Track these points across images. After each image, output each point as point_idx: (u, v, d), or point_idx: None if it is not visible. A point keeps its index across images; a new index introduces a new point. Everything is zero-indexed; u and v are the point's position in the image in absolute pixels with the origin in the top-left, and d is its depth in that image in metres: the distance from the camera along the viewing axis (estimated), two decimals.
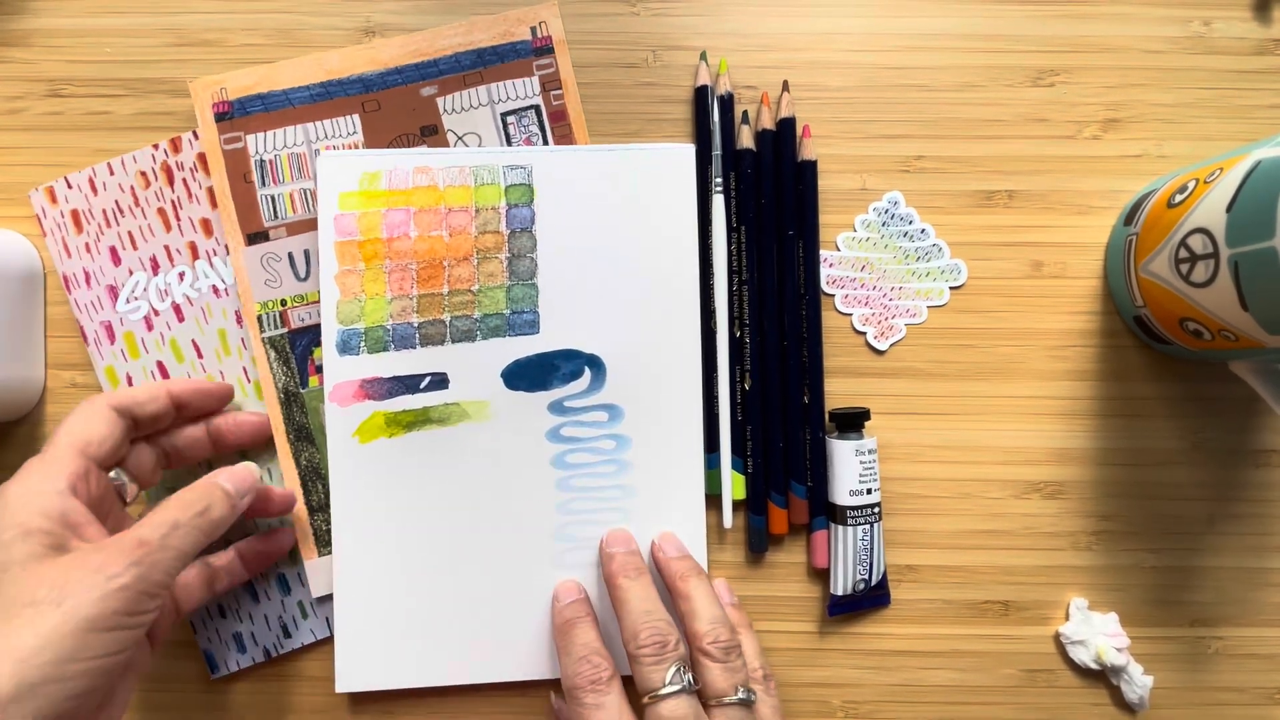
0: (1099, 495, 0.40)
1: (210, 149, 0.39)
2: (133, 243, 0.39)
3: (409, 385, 0.38)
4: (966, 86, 0.40)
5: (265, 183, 0.39)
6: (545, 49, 0.39)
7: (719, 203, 0.38)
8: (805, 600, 0.40)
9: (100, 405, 0.33)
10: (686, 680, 0.31)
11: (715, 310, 0.39)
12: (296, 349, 0.39)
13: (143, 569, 0.28)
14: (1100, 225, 0.40)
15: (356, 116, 0.39)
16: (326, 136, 0.39)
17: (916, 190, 0.40)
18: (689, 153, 0.38)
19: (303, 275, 0.39)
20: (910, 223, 0.40)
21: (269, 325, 0.39)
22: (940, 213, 0.40)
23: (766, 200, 0.39)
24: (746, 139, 0.39)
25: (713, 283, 0.39)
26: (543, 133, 0.39)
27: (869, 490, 0.38)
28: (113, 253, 0.39)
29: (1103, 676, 0.39)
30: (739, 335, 0.39)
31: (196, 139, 0.39)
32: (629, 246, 0.38)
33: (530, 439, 0.38)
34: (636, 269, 0.38)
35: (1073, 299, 0.40)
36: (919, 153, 0.40)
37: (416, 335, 0.38)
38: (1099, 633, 0.38)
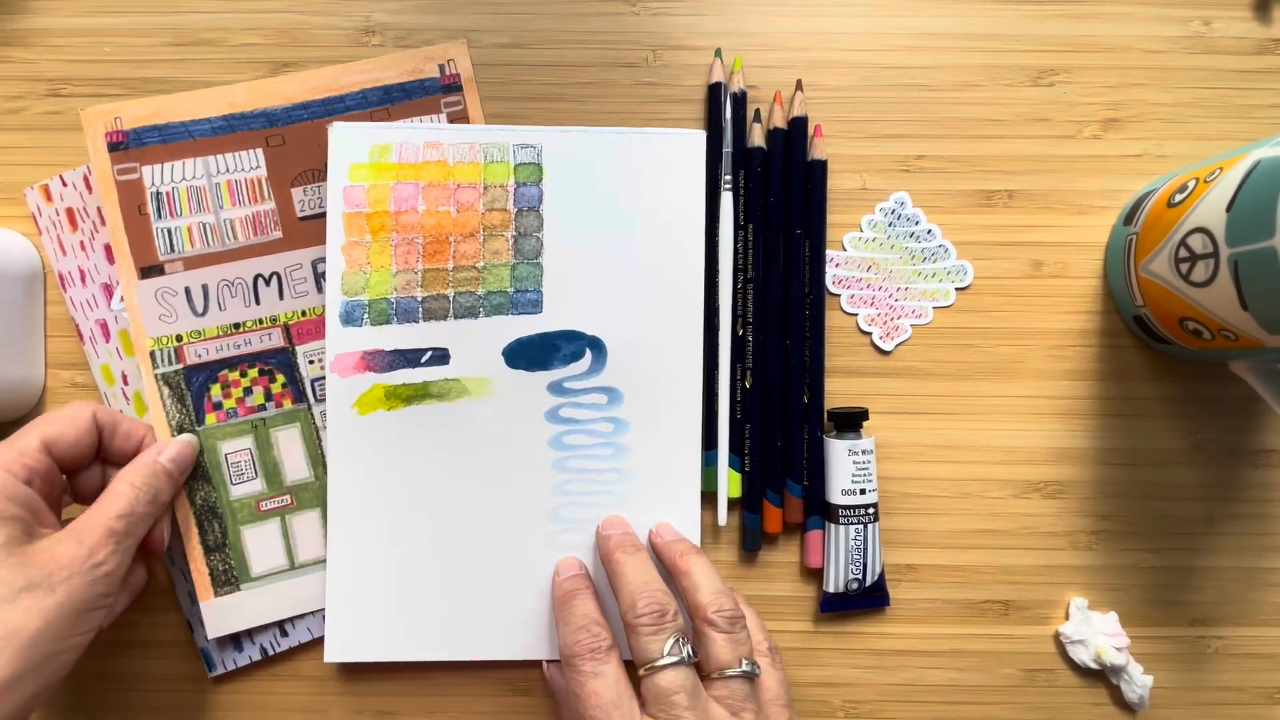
0: (1099, 495, 0.40)
1: (102, 179, 0.38)
2: None
3: (410, 359, 0.38)
4: (966, 86, 0.40)
5: (161, 215, 0.38)
6: (453, 86, 0.39)
7: (727, 200, 0.38)
8: (798, 599, 0.40)
9: (83, 410, 0.34)
10: (686, 652, 0.31)
11: (719, 308, 0.39)
12: (192, 386, 0.38)
13: (119, 555, 0.31)
14: (1100, 225, 0.40)
15: (260, 151, 0.38)
16: (229, 170, 0.38)
17: (917, 190, 0.40)
18: (700, 139, 0.38)
19: (200, 310, 0.38)
20: (917, 223, 0.40)
21: (162, 361, 0.38)
22: (940, 212, 0.40)
23: (775, 199, 0.39)
24: (758, 137, 0.39)
25: (718, 280, 0.39)
26: None
27: (862, 491, 0.38)
28: (107, 250, 0.39)
29: (1103, 676, 0.39)
30: (741, 334, 0.39)
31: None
32: (635, 230, 0.38)
33: (529, 418, 0.38)
34: (642, 253, 0.38)
35: (1073, 299, 0.40)
36: (919, 152, 0.40)
37: (420, 309, 0.38)
38: (1099, 632, 0.38)
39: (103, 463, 0.36)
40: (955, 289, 0.40)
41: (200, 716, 0.39)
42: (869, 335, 0.40)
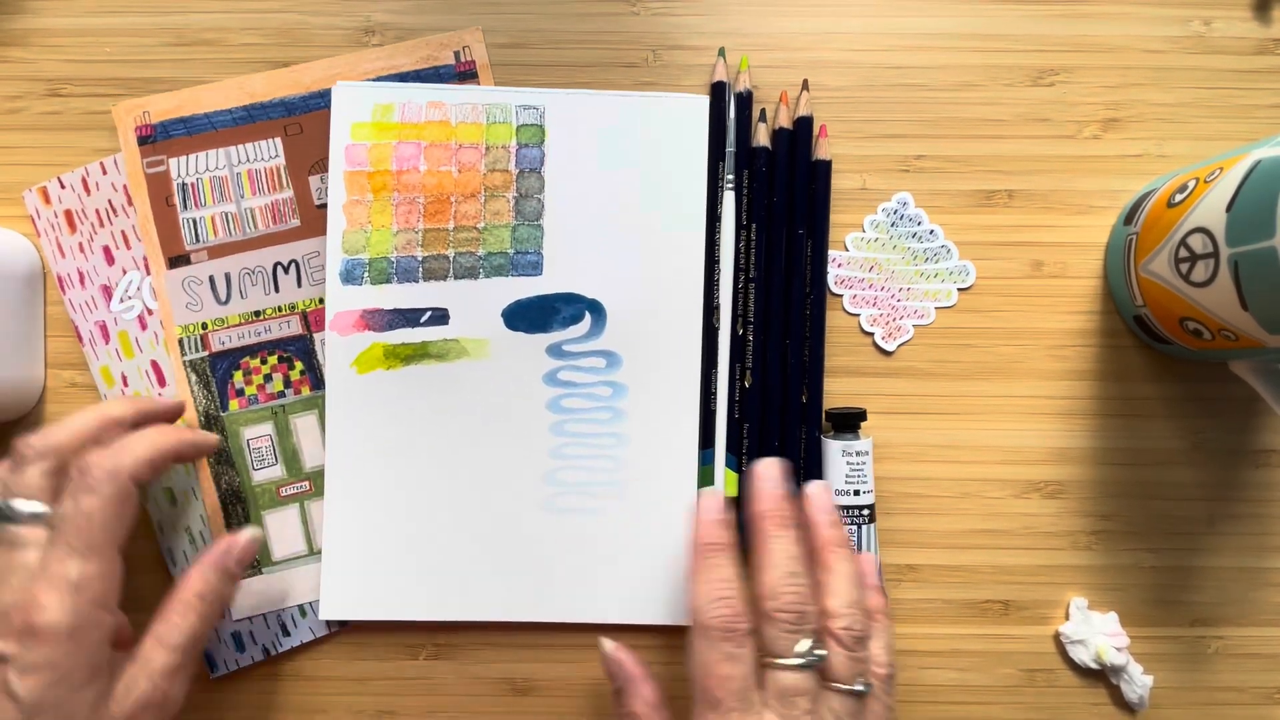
0: (1099, 495, 0.40)
1: (133, 173, 0.39)
2: (126, 242, 0.39)
3: (409, 319, 0.38)
4: (966, 86, 0.40)
5: (187, 206, 0.39)
6: (469, 73, 0.39)
7: (730, 199, 0.39)
8: None
9: (133, 491, 0.32)
10: (817, 656, 0.30)
11: (720, 307, 0.39)
12: (217, 372, 0.39)
13: (186, 682, 0.32)
14: (1100, 225, 0.40)
15: (279, 140, 0.39)
16: (249, 159, 0.39)
17: (917, 190, 0.40)
18: (703, 104, 0.39)
19: (223, 299, 0.39)
20: (919, 224, 0.40)
21: (190, 349, 0.39)
22: (941, 212, 0.40)
23: (779, 198, 0.39)
24: (763, 137, 0.39)
25: (719, 279, 0.39)
26: None
27: (856, 492, 0.38)
28: (106, 252, 0.39)
29: (1103, 676, 0.39)
30: (742, 333, 0.39)
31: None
32: (637, 193, 0.38)
33: (527, 380, 0.38)
34: (643, 216, 0.38)
35: (1073, 299, 0.40)
36: (919, 152, 0.40)
37: (420, 269, 0.38)
38: (1099, 632, 0.38)
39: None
40: (958, 289, 0.40)
41: (202, 716, 0.39)
42: (871, 335, 0.40)
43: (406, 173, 0.38)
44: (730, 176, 0.39)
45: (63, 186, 0.39)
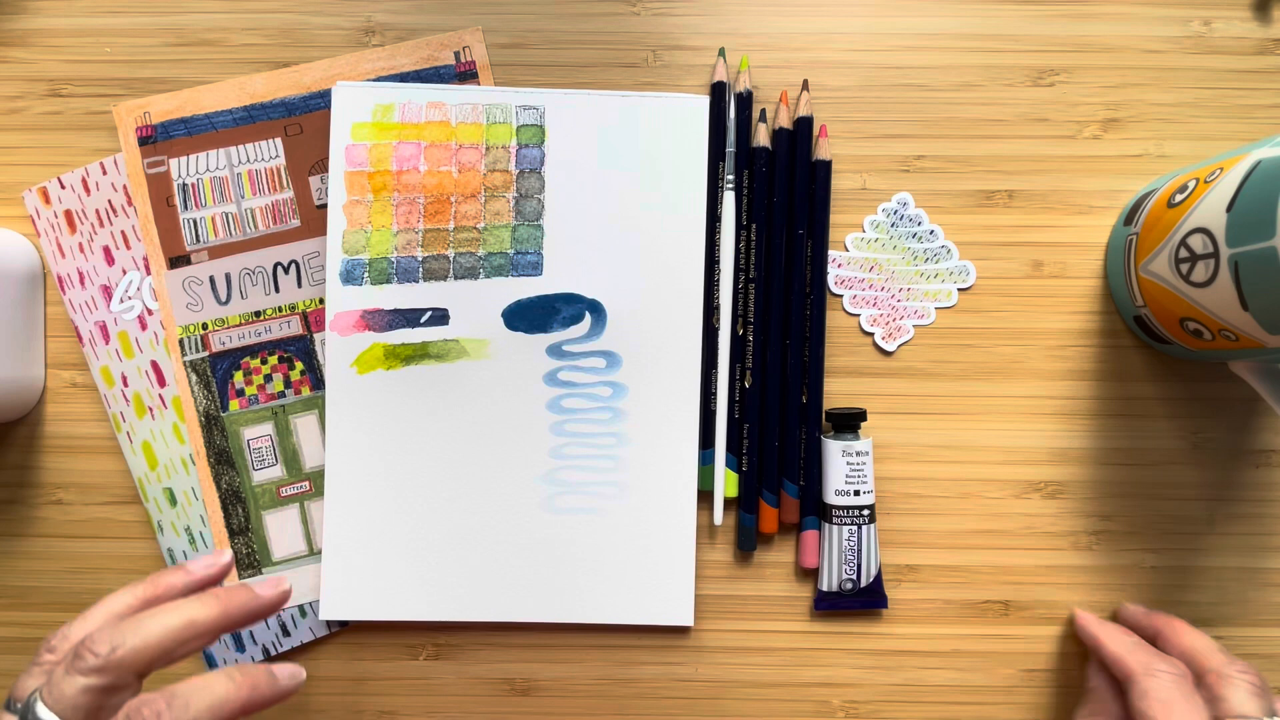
0: (1099, 495, 0.40)
1: (133, 173, 0.39)
2: (126, 242, 0.39)
3: (409, 319, 0.38)
4: (966, 86, 0.40)
5: (188, 206, 0.39)
6: (469, 73, 0.39)
7: (729, 200, 0.39)
8: (794, 599, 0.40)
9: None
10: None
11: (720, 307, 0.39)
12: (217, 372, 0.39)
13: None
14: (1100, 225, 0.40)
15: (279, 140, 0.39)
16: (249, 160, 0.39)
17: (917, 190, 0.40)
18: (703, 104, 0.39)
19: (223, 299, 0.39)
20: (919, 224, 0.40)
21: (190, 349, 0.39)
22: (941, 212, 0.40)
23: (779, 199, 0.39)
24: (763, 137, 0.39)
25: (719, 280, 0.39)
26: None
27: (856, 492, 0.38)
28: (106, 252, 0.39)
29: None
30: (742, 333, 0.39)
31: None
32: (637, 193, 0.38)
33: (527, 381, 0.38)
34: (644, 216, 0.38)
35: (1073, 299, 0.40)
36: (919, 152, 0.40)
37: (420, 269, 0.38)
38: None
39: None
40: (958, 289, 0.40)
41: None
42: (871, 336, 0.40)
43: (407, 173, 0.38)
44: (730, 176, 0.39)
45: (63, 186, 0.39)
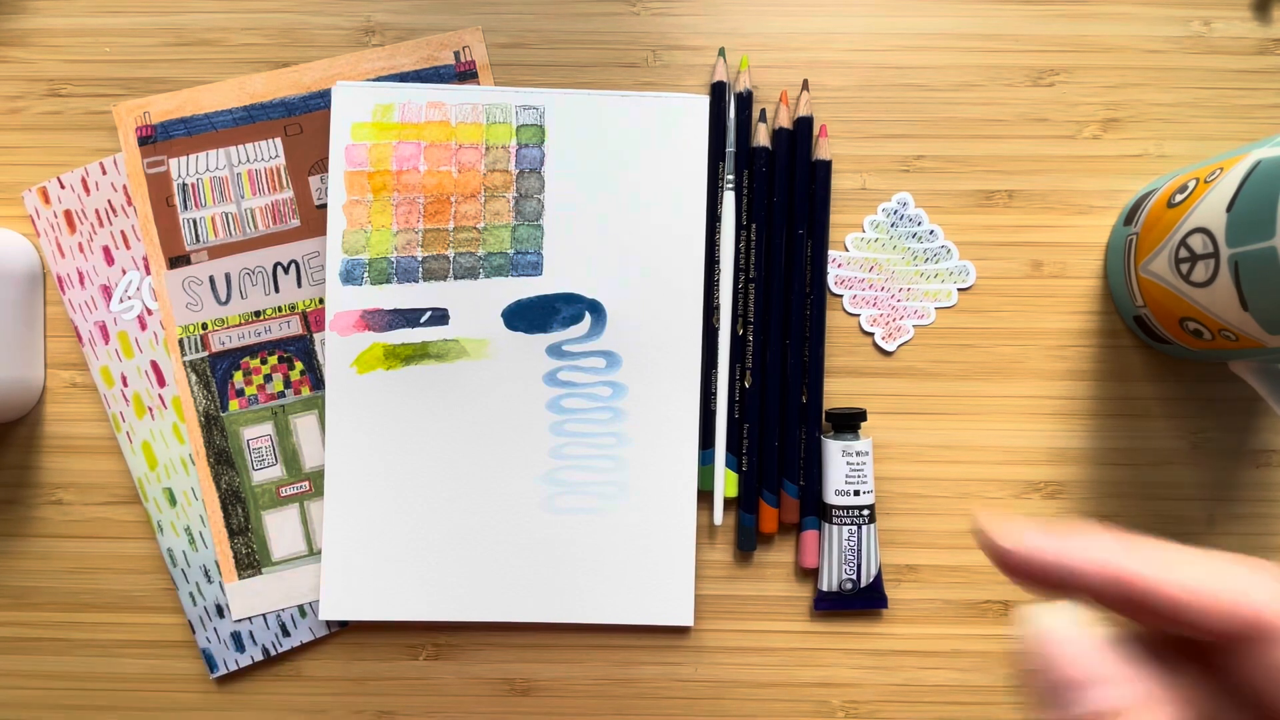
0: (1099, 495, 0.40)
1: (133, 173, 0.39)
2: (125, 242, 0.39)
3: (409, 319, 0.38)
4: (966, 86, 0.40)
5: (187, 206, 0.39)
6: (469, 73, 0.39)
7: (729, 199, 0.39)
8: (794, 599, 0.40)
9: None
10: None
11: (720, 307, 0.39)
12: (217, 372, 0.39)
13: None
14: (1100, 225, 0.40)
15: (279, 140, 0.39)
16: (249, 160, 0.39)
17: (917, 190, 0.40)
18: (703, 104, 0.39)
19: (223, 299, 0.39)
20: (919, 224, 0.40)
21: (190, 349, 0.39)
22: (941, 212, 0.40)
23: (779, 199, 0.39)
24: (763, 137, 0.39)
25: (719, 280, 0.39)
26: None
27: (856, 492, 0.38)
28: (106, 252, 0.39)
29: None
30: (742, 333, 0.39)
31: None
32: (637, 193, 0.38)
33: (527, 381, 0.38)
34: (644, 216, 0.38)
35: (1073, 299, 0.40)
36: (919, 152, 0.40)
37: (420, 269, 0.38)
38: None
39: None
40: (958, 289, 0.40)
41: (202, 717, 0.39)
42: (871, 336, 0.40)
43: (406, 173, 0.38)
44: (730, 176, 0.39)
45: (62, 186, 0.39)
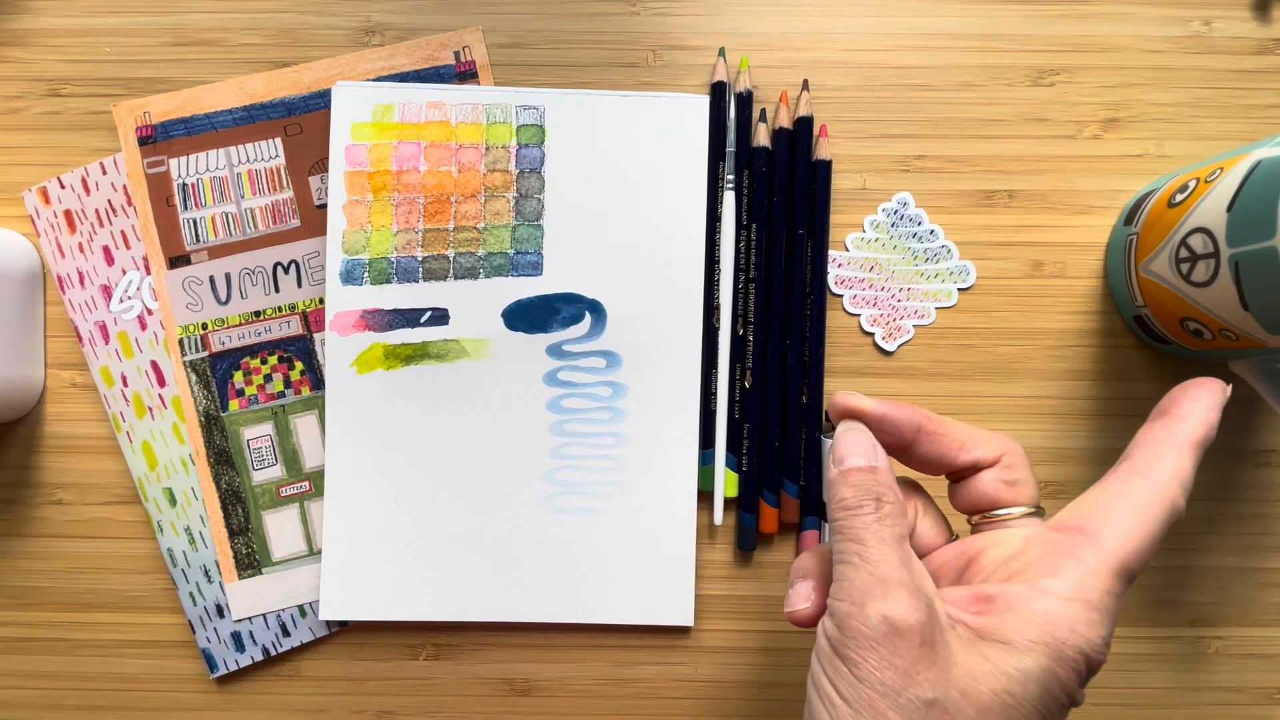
0: None
1: (133, 173, 0.39)
2: (125, 242, 0.39)
3: (409, 319, 0.38)
4: (966, 86, 0.40)
5: (188, 206, 0.39)
6: (469, 73, 0.39)
7: (729, 200, 0.39)
8: None
9: None
10: None
11: (720, 307, 0.39)
12: (217, 372, 0.39)
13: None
14: (1100, 225, 0.40)
15: (279, 140, 0.39)
16: (249, 160, 0.39)
17: (917, 190, 0.40)
18: (703, 104, 0.39)
19: (223, 299, 0.39)
20: (919, 224, 0.40)
21: (190, 349, 0.39)
22: (940, 212, 0.40)
23: (779, 199, 0.39)
24: (763, 137, 0.39)
25: (719, 279, 0.39)
26: None
27: None
28: (106, 252, 0.39)
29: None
30: (742, 333, 0.39)
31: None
32: (638, 193, 0.38)
33: (527, 381, 0.38)
34: (644, 216, 0.38)
35: (1073, 299, 0.40)
36: (919, 152, 0.40)
37: (420, 269, 0.38)
38: None
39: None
40: (958, 289, 0.40)
41: (202, 717, 0.39)
42: (871, 335, 0.40)
43: (406, 173, 0.38)
44: (730, 176, 0.39)
45: (63, 186, 0.39)
